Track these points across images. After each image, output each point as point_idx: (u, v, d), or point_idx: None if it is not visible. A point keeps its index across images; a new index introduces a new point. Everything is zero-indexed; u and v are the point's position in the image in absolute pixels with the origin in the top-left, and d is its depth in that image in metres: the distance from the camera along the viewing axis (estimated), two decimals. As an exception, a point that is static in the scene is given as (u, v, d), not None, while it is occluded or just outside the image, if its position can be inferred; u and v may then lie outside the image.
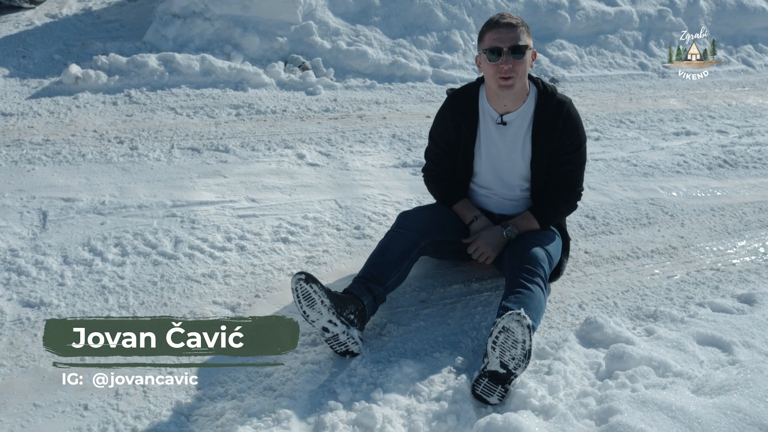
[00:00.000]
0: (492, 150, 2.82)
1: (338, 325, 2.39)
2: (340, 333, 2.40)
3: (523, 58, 2.62)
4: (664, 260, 3.42)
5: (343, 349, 2.43)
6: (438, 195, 3.00)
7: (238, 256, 3.03)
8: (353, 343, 2.43)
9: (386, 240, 2.69)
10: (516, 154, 2.80)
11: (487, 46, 2.61)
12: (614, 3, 7.42)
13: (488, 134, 2.80)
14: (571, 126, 2.75)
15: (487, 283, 3.00)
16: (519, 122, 2.77)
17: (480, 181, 2.92)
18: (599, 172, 4.36)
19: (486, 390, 2.26)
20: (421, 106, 5.30)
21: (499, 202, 2.92)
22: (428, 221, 2.76)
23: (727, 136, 5.42)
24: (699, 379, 2.29)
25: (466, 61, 6.11)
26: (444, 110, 2.87)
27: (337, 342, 2.42)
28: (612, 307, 2.97)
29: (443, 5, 6.41)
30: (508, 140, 2.79)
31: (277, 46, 5.57)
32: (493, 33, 2.60)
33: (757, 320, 2.88)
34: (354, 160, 4.17)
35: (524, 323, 2.18)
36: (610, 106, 5.87)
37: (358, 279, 2.58)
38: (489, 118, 2.80)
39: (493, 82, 2.66)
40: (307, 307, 2.36)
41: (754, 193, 4.38)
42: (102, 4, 6.52)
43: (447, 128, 2.85)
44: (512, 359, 2.21)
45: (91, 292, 2.70)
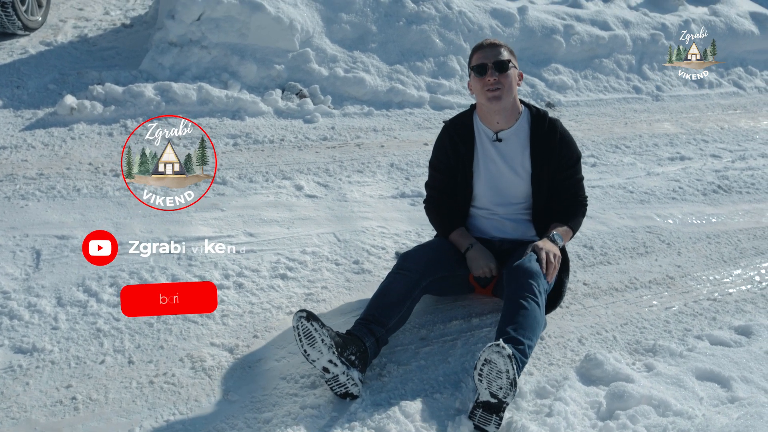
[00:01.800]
0: (491, 167, 2.90)
1: (338, 366, 2.38)
2: (340, 374, 2.39)
3: (507, 72, 2.80)
4: (661, 291, 3.43)
5: (342, 390, 2.42)
6: (437, 224, 3.05)
7: (236, 294, 3.02)
8: (353, 385, 2.42)
9: (387, 281, 2.70)
10: (515, 170, 2.90)
11: (473, 65, 2.83)
12: (608, 27, 7.48)
13: (485, 152, 2.90)
14: (567, 142, 2.92)
15: (487, 318, 3.00)
16: (515, 139, 2.89)
17: (480, 203, 2.97)
18: (596, 199, 4.37)
19: (482, 420, 2.32)
20: (419, 133, 5.32)
21: (500, 223, 2.97)
22: (428, 259, 2.79)
23: (720, 161, 5.45)
24: (700, 421, 2.29)
25: (462, 87, 6.14)
26: (441, 138, 2.99)
27: (336, 383, 2.41)
28: (611, 341, 2.96)
29: (440, 31, 6.46)
30: (507, 157, 2.90)
31: (274, 74, 5.59)
32: (479, 53, 2.83)
33: (754, 354, 2.89)
34: (352, 190, 4.17)
35: (504, 353, 2.25)
36: (605, 131, 5.90)
37: (360, 321, 2.58)
38: (485, 136, 2.91)
39: (482, 97, 2.83)
40: (307, 345, 2.35)
41: (748, 219, 4.40)
42: (98, 30, 6.54)
43: (446, 154, 2.94)
44: (500, 389, 2.28)
45: (85, 335, 2.68)
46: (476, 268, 2.87)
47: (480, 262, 2.86)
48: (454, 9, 6.67)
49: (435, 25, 6.49)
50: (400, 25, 6.41)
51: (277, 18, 5.70)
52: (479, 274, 2.88)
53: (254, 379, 2.52)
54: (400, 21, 6.44)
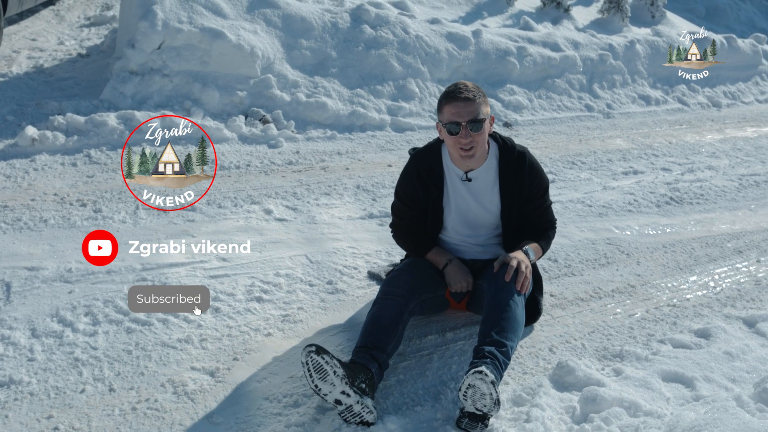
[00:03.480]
0: (461, 204, 2.95)
1: (351, 396, 2.37)
2: (354, 403, 2.38)
3: (482, 129, 2.74)
4: (624, 299, 3.57)
5: (357, 420, 2.40)
6: (410, 248, 3.10)
7: (213, 318, 3.03)
8: (368, 413, 2.40)
9: (376, 308, 2.71)
10: (485, 205, 2.95)
11: (446, 120, 2.73)
12: (559, 49, 7.76)
13: (456, 190, 2.93)
14: (536, 172, 2.94)
15: (461, 332, 3.08)
16: (484, 176, 2.92)
17: (450, 233, 3.05)
18: (557, 214, 4.48)
19: (469, 426, 2.42)
20: (383, 155, 5.42)
21: (471, 248, 3.05)
22: (412, 282, 2.82)
23: (671, 174, 5.70)
24: (670, 419, 2.40)
25: (422, 109, 6.29)
26: (410, 171, 2.98)
27: (351, 413, 2.39)
28: (581, 349, 3.08)
29: (398, 55, 6.61)
30: (476, 193, 2.93)
31: (237, 101, 5.63)
32: (452, 107, 2.70)
33: (714, 354, 3.04)
34: (321, 213, 4.23)
35: (487, 380, 2.34)
36: (562, 148, 6.11)
37: (360, 349, 2.56)
38: (454, 175, 2.93)
39: (454, 152, 2.80)
40: (319, 380, 2.35)
41: (700, 228, 4.62)
42: (53, 61, 6.49)
43: (414, 188, 2.96)
44: (484, 406, 2.38)
45: (63, 365, 2.66)
46: (455, 283, 2.94)
47: (458, 276, 2.94)
48: (411, 33, 6.84)
49: (393, 49, 6.64)
50: (359, 50, 6.54)
51: (238, 45, 5.76)
52: (457, 289, 2.96)
53: (237, 400, 2.54)
54: (359, 46, 6.57)
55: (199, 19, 5.84)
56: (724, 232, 4.57)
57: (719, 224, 4.72)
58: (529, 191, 2.93)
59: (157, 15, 5.63)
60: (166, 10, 5.74)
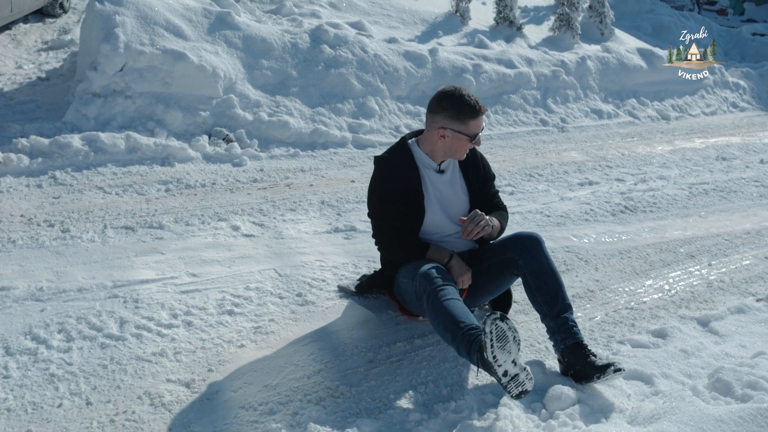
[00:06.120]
0: (438, 193, 3.17)
1: (518, 364, 2.45)
2: (520, 371, 2.45)
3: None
4: (584, 303, 3.72)
5: (519, 390, 2.45)
6: (406, 251, 3.14)
7: (186, 332, 3.07)
8: (530, 380, 2.48)
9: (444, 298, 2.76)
10: (458, 193, 3.22)
11: (471, 132, 3.01)
12: (513, 65, 8.01)
13: (432, 182, 3.16)
14: (485, 159, 3.34)
15: (429, 338, 3.17)
16: (451, 168, 3.22)
17: (429, 228, 3.17)
18: (517, 225, 4.68)
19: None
20: (345, 172, 5.52)
21: (452, 243, 3.20)
22: (446, 273, 2.95)
23: (624, 184, 5.93)
24: (631, 411, 2.54)
25: (383, 126, 6.43)
26: (383, 170, 3.12)
27: (516, 383, 2.44)
28: (544, 352, 3.19)
29: (357, 74, 6.75)
30: (449, 183, 3.20)
31: (200, 120, 5.68)
32: (477, 121, 3.01)
33: (670, 352, 3.19)
34: (287, 228, 4.30)
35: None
36: (519, 162, 6.30)
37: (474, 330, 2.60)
38: (429, 168, 3.17)
39: (460, 154, 3.09)
40: (498, 349, 2.40)
41: (654, 234, 4.82)
42: (13, 84, 6.45)
43: (395, 181, 3.09)
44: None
45: (39, 381, 2.67)
46: (462, 276, 3.07)
47: (464, 269, 3.09)
48: (370, 52, 7.00)
49: (352, 68, 6.78)
50: (319, 69, 6.67)
51: (200, 66, 5.83)
52: (465, 283, 3.09)
53: (214, 410, 2.59)
54: (319, 65, 6.69)
55: (160, 41, 5.89)
56: (676, 238, 4.79)
57: (672, 231, 4.94)
58: (485, 176, 3.29)
59: (119, 38, 5.66)
60: (128, 32, 5.77)
